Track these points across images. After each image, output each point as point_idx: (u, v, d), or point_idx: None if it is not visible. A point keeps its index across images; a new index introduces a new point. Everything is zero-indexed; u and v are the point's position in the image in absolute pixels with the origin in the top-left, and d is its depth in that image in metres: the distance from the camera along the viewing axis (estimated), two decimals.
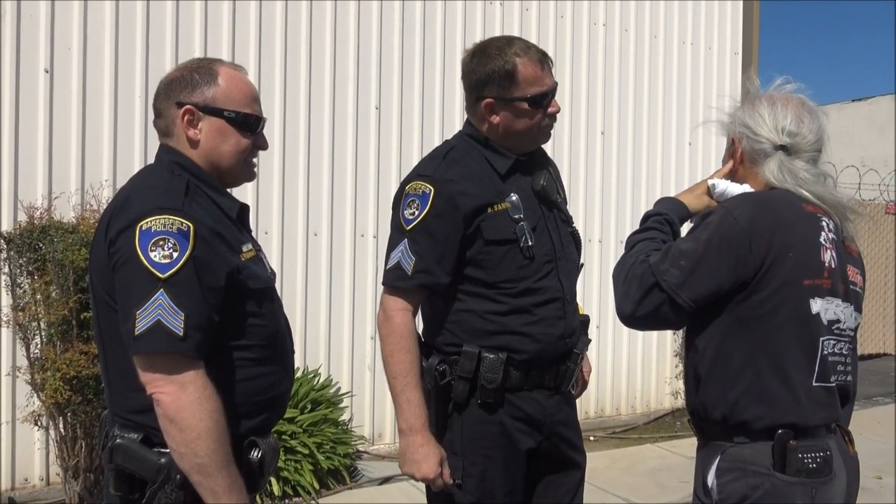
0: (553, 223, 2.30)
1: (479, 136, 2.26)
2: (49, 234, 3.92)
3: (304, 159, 5.24)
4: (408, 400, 2.12)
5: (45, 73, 4.48)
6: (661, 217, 2.03)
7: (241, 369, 1.77)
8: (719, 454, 1.86)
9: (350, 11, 5.39)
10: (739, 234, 1.80)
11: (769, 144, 1.92)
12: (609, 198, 6.49)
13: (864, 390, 7.82)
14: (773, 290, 1.80)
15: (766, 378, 1.81)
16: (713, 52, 7.06)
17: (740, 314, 1.82)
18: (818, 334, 1.84)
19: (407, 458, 2.13)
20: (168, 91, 1.82)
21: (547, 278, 2.22)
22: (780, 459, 1.79)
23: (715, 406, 1.86)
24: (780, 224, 1.82)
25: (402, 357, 2.13)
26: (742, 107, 2.00)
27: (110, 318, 1.71)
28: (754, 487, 1.80)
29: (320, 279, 5.30)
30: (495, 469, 2.20)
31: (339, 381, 5.25)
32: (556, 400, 2.28)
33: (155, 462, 1.67)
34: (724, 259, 1.80)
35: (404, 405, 2.12)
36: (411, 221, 2.14)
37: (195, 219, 1.67)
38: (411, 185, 2.19)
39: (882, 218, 10.12)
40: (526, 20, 6.06)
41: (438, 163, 2.22)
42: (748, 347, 1.82)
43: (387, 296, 2.19)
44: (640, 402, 6.73)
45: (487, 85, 2.17)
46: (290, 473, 4.37)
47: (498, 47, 2.19)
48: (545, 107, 2.21)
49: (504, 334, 2.18)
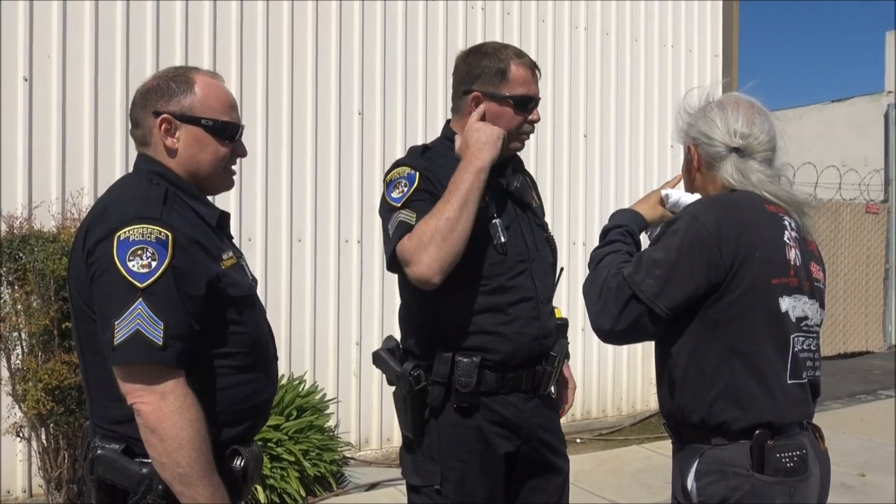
0: (527, 225, 2.32)
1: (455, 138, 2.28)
2: (29, 243, 3.89)
3: (287, 165, 5.23)
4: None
5: (23, 81, 4.44)
6: (622, 229, 2.05)
7: (223, 377, 1.76)
8: (697, 457, 1.86)
9: (332, 16, 5.39)
10: (708, 238, 1.82)
11: (723, 147, 1.95)
12: (592, 200, 6.51)
13: (847, 388, 7.88)
14: (743, 290, 1.82)
15: (741, 378, 1.83)
16: (693, 55, 7.11)
17: (711, 316, 1.83)
18: (788, 332, 1.86)
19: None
20: (145, 100, 1.82)
21: (520, 277, 2.23)
22: (758, 460, 1.80)
23: (692, 409, 1.86)
24: (746, 225, 1.85)
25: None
26: (695, 114, 2.03)
27: (90, 329, 1.70)
28: (734, 489, 1.80)
29: (304, 285, 5.28)
30: (473, 473, 2.19)
31: (325, 388, 5.23)
32: (534, 403, 2.28)
33: (136, 472, 1.66)
34: (697, 264, 1.81)
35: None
36: (400, 199, 2.15)
37: (174, 228, 1.67)
38: (395, 171, 2.22)
39: (863, 217, 10.21)
40: (508, 24, 6.08)
41: (417, 157, 2.27)
42: (721, 349, 1.83)
43: (399, 248, 2.10)
44: (626, 404, 6.75)
45: (478, 79, 2.23)
46: (276, 481, 4.34)
47: (494, 48, 2.28)
48: (527, 111, 2.24)
49: (477, 334, 2.18)
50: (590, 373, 6.42)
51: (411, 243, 2.07)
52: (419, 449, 2.21)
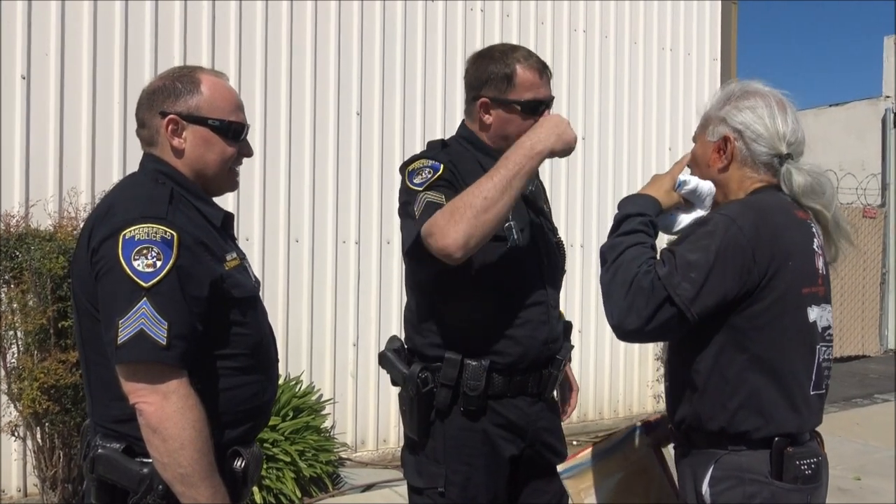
0: (540, 230, 2.31)
1: (472, 138, 2.28)
2: (26, 241, 3.87)
3: (286, 166, 5.21)
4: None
5: (21, 80, 4.42)
6: (644, 218, 1.90)
7: (225, 378, 1.76)
8: (713, 463, 1.81)
9: (330, 16, 5.38)
10: (744, 243, 1.74)
11: (770, 149, 1.86)
12: (590, 203, 6.51)
13: (843, 392, 7.88)
14: (774, 299, 1.76)
15: (765, 389, 1.77)
16: (692, 58, 7.12)
17: (739, 324, 1.77)
18: (815, 342, 1.82)
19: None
20: (151, 101, 1.81)
21: (532, 282, 2.22)
22: (777, 467, 1.76)
23: (712, 417, 1.80)
24: (780, 232, 1.79)
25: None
26: (735, 103, 1.89)
27: (92, 327, 1.69)
28: (752, 496, 1.76)
29: (302, 286, 5.27)
30: (478, 476, 2.19)
31: (322, 389, 5.22)
32: (540, 407, 2.28)
33: (137, 472, 1.65)
34: (731, 270, 1.73)
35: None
36: (423, 183, 2.10)
37: (179, 227, 1.66)
38: (416, 162, 2.18)
39: (860, 221, 10.23)
40: (507, 26, 6.08)
41: (438, 151, 2.25)
42: (747, 358, 1.77)
43: (428, 223, 2.01)
44: (623, 406, 6.75)
45: (486, 84, 2.21)
46: (272, 482, 4.33)
47: (501, 51, 2.25)
48: (538, 115, 2.21)
49: (488, 337, 2.17)
50: (586, 375, 6.42)
51: (442, 217, 1.97)
52: (423, 451, 2.20)
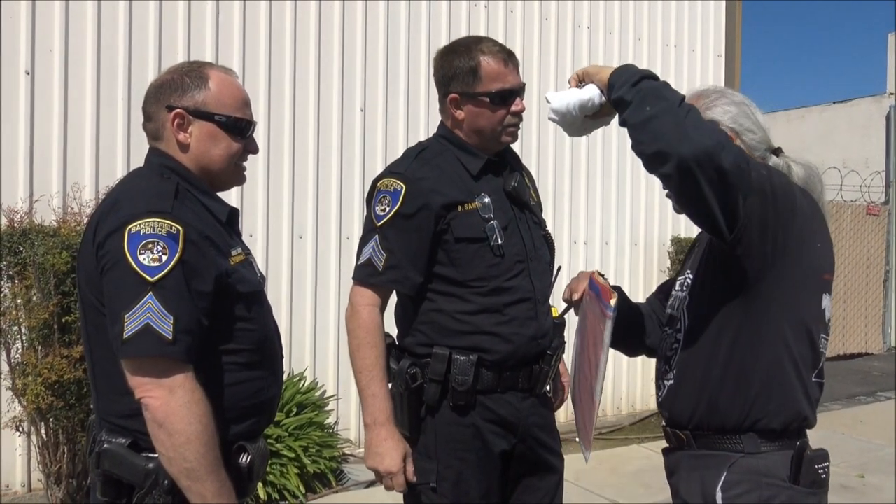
0: (525, 224, 2.30)
1: (451, 137, 2.28)
2: (30, 237, 3.88)
3: (289, 161, 5.22)
4: (373, 394, 2.13)
5: (25, 75, 4.43)
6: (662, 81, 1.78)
7: (230, 373, 1.75)
8: (727, 467, 1.78)
9: (335, 12, 5.37)
10: (794, 189, 1.78)
11: (765, 145, 1.92)
12: (594, 200, 6.50)
13: (846, 389, 7.88)
14: (799, 278, 1.76)
15: (783, 373, 1.77)
16: (696, 55, 7.11)
17: (763, 292, 1.74)
18: (820, 330, 1.84)
19: (371, 451, 2.13)
20: (158, 94, 1.81)
21: (517, 278, 2.22)
22: (796, 470, 1.75)
23: (730, 407, 1.77)
24: (814, 212, 1.82)
25: (367, 353, 2.14)
26: (737, 103, 1.92)
27: (98, 322, 1.69)
28: (768, 500, 1.74)
29: (305, 281, 5.28)
30: (469, 471, 2.19)
31: (325, 384, 5.22)
32: (531, 402, 2.27)
33: (143, 467, 1.65)
34: (782, 203, 1.72)
35: (369, 399, 2.13)
36: (382, 217, 2.17)
37: (185, 222, 1.66)
38: (383, 181, 2.22)
39: (863, 219, 10.21)
40: (511, 22, 6.07)
41: (410, 161, 2.24)
42: (766, 341, 1.76)
43: (355, 289, 2.20)
44: (626, 403, 6.75)
45: (453, 80, 2.22)
46: (275, 477, 4.34)
47: (465, 45, 2.26)
48: (508, 104, 2.22)
49: (474, 334, 2.18)
50: None
51: (353, 308, 2.18)
52: (415, 447, 2.20)
